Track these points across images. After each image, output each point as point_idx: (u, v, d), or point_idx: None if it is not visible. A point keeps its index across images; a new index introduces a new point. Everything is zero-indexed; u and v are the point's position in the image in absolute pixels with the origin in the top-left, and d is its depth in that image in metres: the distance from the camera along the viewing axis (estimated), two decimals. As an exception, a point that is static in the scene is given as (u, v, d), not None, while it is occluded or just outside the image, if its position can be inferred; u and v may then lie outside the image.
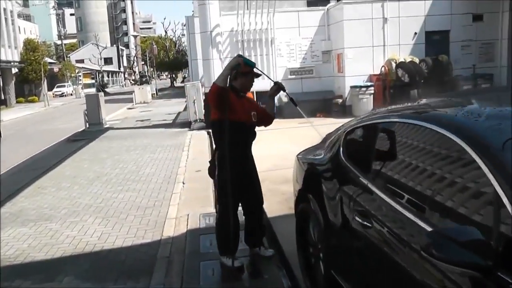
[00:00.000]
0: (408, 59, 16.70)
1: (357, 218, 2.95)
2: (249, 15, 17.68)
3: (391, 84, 16.68)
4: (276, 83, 4.78)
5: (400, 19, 17.35)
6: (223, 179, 4.65)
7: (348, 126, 3.77)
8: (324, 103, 17.46)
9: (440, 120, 2.54)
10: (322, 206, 3.64)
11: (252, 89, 16.65)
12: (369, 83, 16.90)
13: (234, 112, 4.48)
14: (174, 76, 78.22)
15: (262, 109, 5.01)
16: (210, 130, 14.79)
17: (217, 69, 16.58)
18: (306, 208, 4.17)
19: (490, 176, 1.95)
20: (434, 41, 17.54)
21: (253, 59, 17.69)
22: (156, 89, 46.41)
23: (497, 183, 1.90)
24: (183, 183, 8.82)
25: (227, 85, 4.44)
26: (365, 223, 2.84)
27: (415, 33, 17.51)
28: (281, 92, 4.76)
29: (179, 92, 46.52)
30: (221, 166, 4.70)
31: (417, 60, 16.66)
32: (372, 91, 16.72)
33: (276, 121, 5.10)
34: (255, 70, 4.69)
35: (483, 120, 2.43)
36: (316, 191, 3.85)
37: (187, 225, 6.35)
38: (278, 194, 7.02)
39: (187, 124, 17.70)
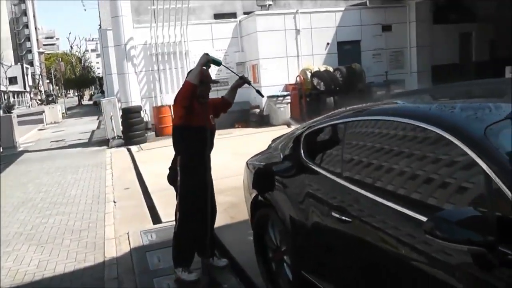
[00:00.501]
0: (323, 68, 17.32)
1: (333, 214, 3.02)
2: (162, 28, 17.60)
3: (307, 93, 17.18)
4: (241, 77, 4.88)
5: (312, 30, 18.02)
6: (187, 185, 4.67)
7: (307, 127, 3.84)
8: (241, 114, 17.69)
9: (417, 114, 2.70)
10: (287, 208, 3.69)
11: (169, 103, 16.58)
12: (285, 93, 17.31)
13: (197, 117, 4.57)
14: (81, 93, 75.88)
15: (219, 99, 5.08)
16: (131, 147, 14.87)
17: (133, 83, 16.42)
18: (265, 213, 4.19)
19: (479, 161, 2.14)
20: (346, 50, 18.31)
21: (167, 73, 17.85)
22: (65, 108, 44.76)
23: (486, 166, 2.09)
24: (114, 202, 8.63)
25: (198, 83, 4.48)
26: (343, 217, 2.91)
27: (328, 43, 18.24)
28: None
29: (89, 110, 45.30)
30: (184, 172, 4.68)
31: (331, 69, 17.34)
32: (289, 100, 17.14)
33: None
34: (222, 66, 4.98)
35: (459, 112, 2.63)
36: (277, 195, 3.89)
37: (129, 243, 6.18)
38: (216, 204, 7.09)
39: (104, 142, 17.25)
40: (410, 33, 19.06)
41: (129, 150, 14.78)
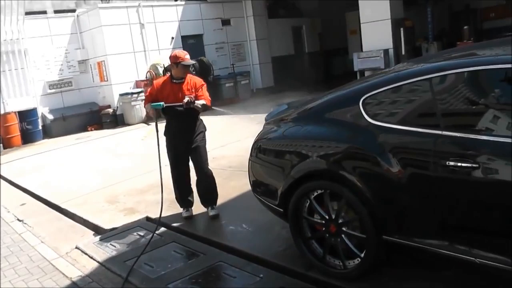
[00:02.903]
0: (174, 63, 17.15)
1: (451, 163, 3.11)
2: (-4, 24, 15.79)
3: (161, 88, 16.88)
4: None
5: (156, 24, 17.86)
6: (167, 148, 6.04)
7: (366, 91, 3.84)
8: (92, 116, 16.90)
9: None
10: (360, 173, 3.69)
11: (14, 109, 14.93)
12: (138, 90, 16.80)
13: (165, 98, 5.73)
14: None
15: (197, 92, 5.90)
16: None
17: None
18: (311, 188, 4.05)
19: None
20: (190, 44, 18.43)
21: (7, 75, 16.02)
22: None
23: None
24: (20, 221, 7.60)
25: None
26: (467, 165, 3.05)
27: (172, 38, 18.25)
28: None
29: None
30: (165, 138, 6.02)
31: (183, 63, 17.24)
32: (143, 97, 16.67)
33: (45, 142, 4.95)
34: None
35: None
36: (339, 162, 3.81)
37: (91, 257, 5.52)
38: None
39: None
40: (249, 27, 19.95)
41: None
